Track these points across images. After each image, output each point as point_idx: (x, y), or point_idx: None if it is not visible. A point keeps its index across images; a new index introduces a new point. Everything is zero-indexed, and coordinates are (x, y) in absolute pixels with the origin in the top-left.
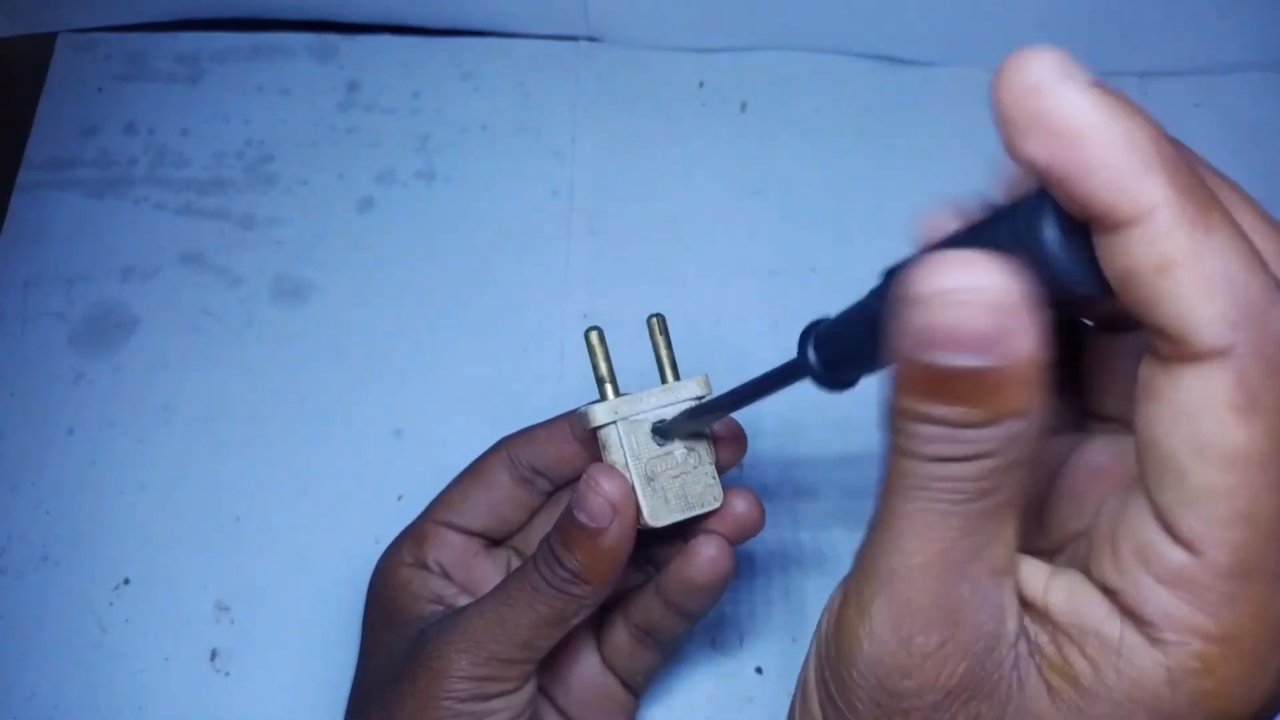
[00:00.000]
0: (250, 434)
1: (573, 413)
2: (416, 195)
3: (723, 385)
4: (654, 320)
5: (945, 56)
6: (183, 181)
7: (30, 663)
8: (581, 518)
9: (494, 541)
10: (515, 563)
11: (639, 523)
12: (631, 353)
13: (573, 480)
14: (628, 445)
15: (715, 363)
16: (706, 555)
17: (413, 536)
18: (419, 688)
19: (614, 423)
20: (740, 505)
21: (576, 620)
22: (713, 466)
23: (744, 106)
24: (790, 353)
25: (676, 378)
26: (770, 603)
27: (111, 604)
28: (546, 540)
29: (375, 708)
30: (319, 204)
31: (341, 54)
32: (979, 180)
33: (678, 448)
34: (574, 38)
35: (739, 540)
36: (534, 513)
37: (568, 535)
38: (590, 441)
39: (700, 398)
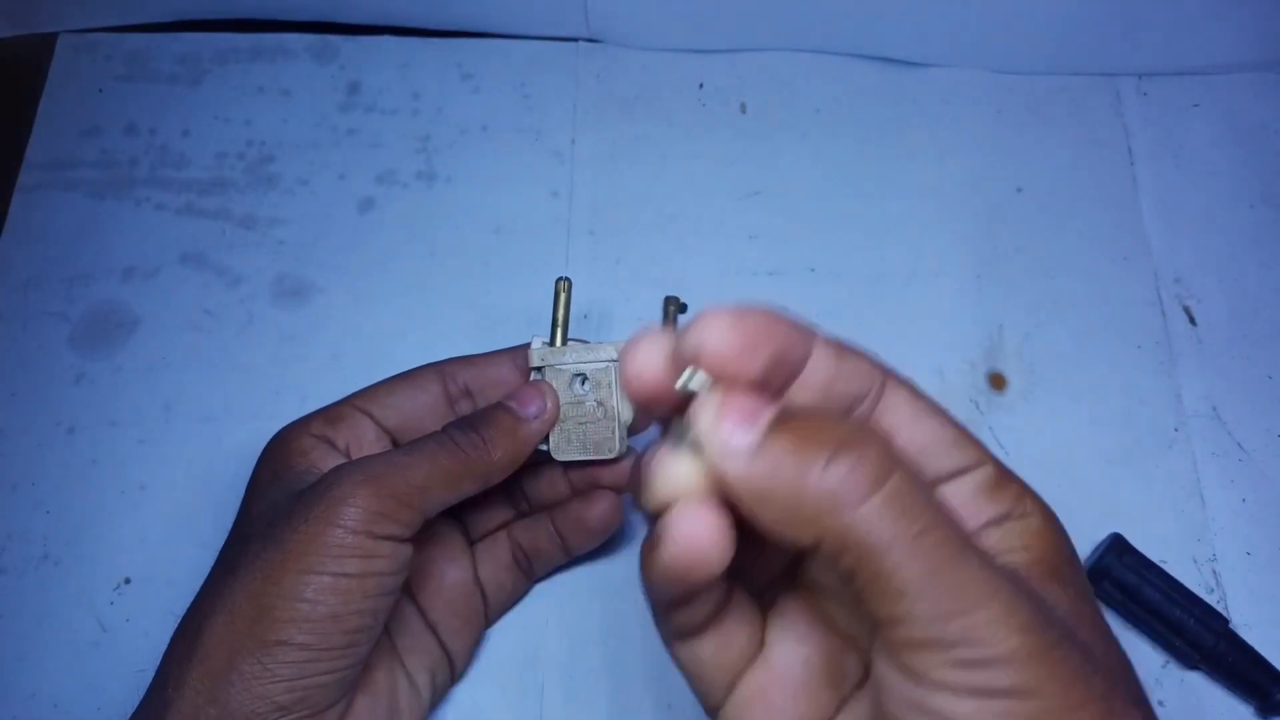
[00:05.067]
0: (250, 434)
1: (518, 347)
2: (417, 196)
3: None
4: (561, 283)
5: (945, 56)
6: (183, 182)
7: (30, 663)
8: (511, 404)
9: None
10: None
11: (545, 450)
12: None
13: None
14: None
15: None
16: (603, 505)
17: (327, 415)
18: (314, 515)
19: (543, 366)
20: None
21: (467, 489)
22: (618, 422)
23: (743, 107)
24: None
25: (564, 341)
26: None
27: (112, 603)
28: (464, 416)
29: (258, 541)
30: (320, 204)
31: (342, 55)
32: (976, 180)
33: (590, 399)
34: (574, 38)
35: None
36: None
37: (489, 415)
38: (530, 373)
39: (613, 360)
